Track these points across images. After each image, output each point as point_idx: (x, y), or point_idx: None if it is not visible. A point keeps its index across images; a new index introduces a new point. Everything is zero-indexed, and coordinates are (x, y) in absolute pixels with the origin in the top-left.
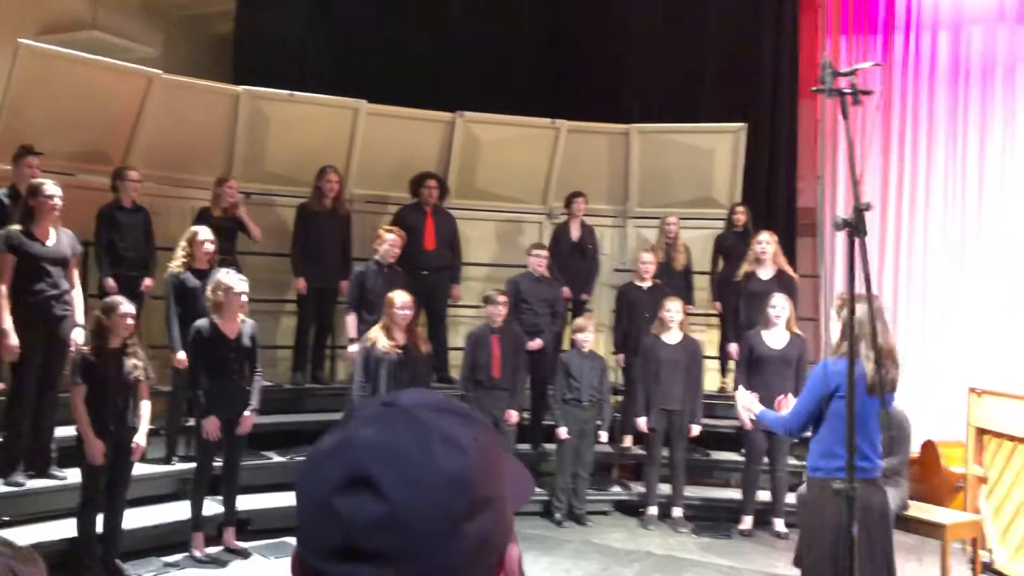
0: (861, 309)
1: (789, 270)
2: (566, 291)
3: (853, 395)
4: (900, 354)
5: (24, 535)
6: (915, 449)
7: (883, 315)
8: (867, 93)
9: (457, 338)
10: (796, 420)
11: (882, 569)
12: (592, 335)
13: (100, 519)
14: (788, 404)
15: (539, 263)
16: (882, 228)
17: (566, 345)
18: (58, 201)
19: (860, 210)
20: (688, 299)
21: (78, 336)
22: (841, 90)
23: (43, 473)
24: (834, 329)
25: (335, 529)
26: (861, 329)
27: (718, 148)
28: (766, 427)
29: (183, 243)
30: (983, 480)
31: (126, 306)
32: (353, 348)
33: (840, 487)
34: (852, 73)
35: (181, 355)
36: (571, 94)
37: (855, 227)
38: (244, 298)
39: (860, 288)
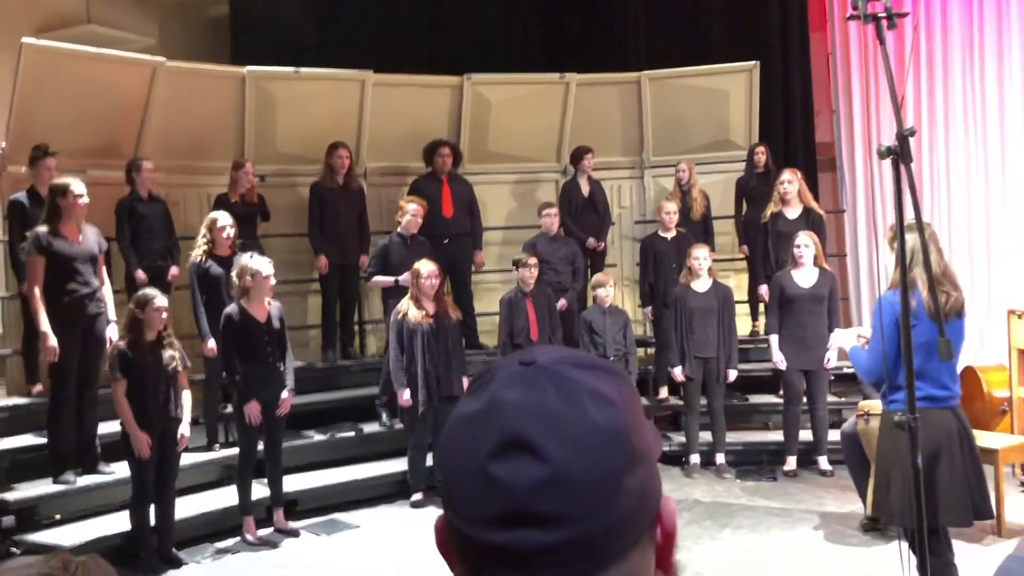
0: (912, 237)
1: (816, 207)
2: (591, 241)
3: (908, 325)
4: (957, 277)
5: (78, 532)
6: None
7: (936, 241)
8: (903, 15)
9: (481, 304)
10: (880, 363)
11: (976, 490)
12: (612, 290)
13: (152, 510)
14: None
15: (551, 222)
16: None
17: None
18: (85, 200)
19: (904, 136)
20: (710, 245)
21: (112, 332)
22: (876, 14)
23: (91, 470)
24: (888, 261)
25: (495, 496)
26: (915, 257)
27: (731, 89)
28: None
29: (203, 231)
30: None
31: (160, 299)
32: (404, 276)
33: (900, 419)
34: None
35: (211, 343)
36: (576, 46)
37: (900, 154)
38: (272, 281)
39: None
